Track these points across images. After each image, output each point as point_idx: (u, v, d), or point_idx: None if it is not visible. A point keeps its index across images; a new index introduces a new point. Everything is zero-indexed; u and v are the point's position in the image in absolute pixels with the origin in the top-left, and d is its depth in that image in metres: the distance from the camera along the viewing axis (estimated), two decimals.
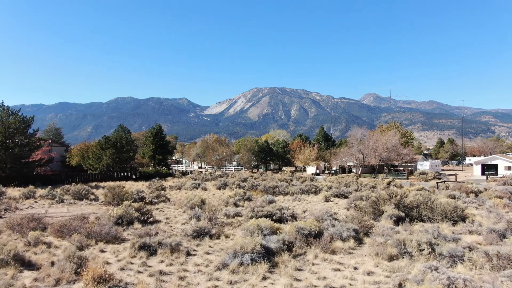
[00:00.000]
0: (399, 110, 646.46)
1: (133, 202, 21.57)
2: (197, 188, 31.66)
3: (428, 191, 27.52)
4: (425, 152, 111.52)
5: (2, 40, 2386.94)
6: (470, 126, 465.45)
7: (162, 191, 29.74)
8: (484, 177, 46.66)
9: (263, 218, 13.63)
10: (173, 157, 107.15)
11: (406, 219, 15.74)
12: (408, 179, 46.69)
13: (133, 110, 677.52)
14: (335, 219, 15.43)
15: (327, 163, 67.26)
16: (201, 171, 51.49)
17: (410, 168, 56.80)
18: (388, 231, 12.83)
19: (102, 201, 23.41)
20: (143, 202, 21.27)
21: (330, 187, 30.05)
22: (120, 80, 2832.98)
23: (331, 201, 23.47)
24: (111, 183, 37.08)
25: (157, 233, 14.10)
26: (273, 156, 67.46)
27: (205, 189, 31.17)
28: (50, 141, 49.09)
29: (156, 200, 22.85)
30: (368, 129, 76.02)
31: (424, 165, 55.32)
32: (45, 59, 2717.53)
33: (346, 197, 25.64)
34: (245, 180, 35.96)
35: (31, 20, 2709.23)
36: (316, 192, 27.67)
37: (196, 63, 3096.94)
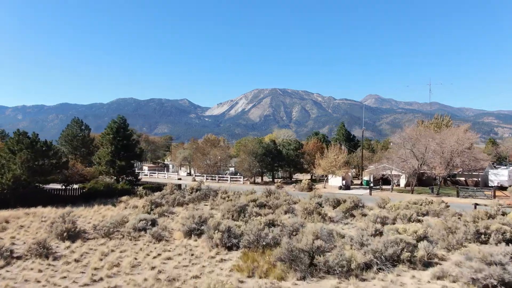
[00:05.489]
0: (401, 112, 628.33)
1: None
2: (145, 231, 15.67)
3: None
4: None
5: (3, 41, 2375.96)
6: (472, 128, 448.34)
7: (57, 248, 13.77)
8: None
9: None
10: (165, 161, 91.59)
11: None
12: (495, 197, 30.48)
13: (134, 111, 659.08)
14: None
15: (354, 170, 51.06)
16: (180, 185, 35.30)
17: (475, 179, 40.54)
18: None
19: None
20: None
21: (417, 233, 13.97)
22: (121, 81, 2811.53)
23: None
24: (4, 213, 21.18)
25: None
26: (282, 161, 50.69)
27: (159, 237, 15.07)
28: None
29: None
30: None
31: (499, 175, 38.75)
32: (46, 60, 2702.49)
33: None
34: (242, 210, 19.54)
35: (31, 21, 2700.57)
36: (403, 260, 11.41)
37: (197, 64, 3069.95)
